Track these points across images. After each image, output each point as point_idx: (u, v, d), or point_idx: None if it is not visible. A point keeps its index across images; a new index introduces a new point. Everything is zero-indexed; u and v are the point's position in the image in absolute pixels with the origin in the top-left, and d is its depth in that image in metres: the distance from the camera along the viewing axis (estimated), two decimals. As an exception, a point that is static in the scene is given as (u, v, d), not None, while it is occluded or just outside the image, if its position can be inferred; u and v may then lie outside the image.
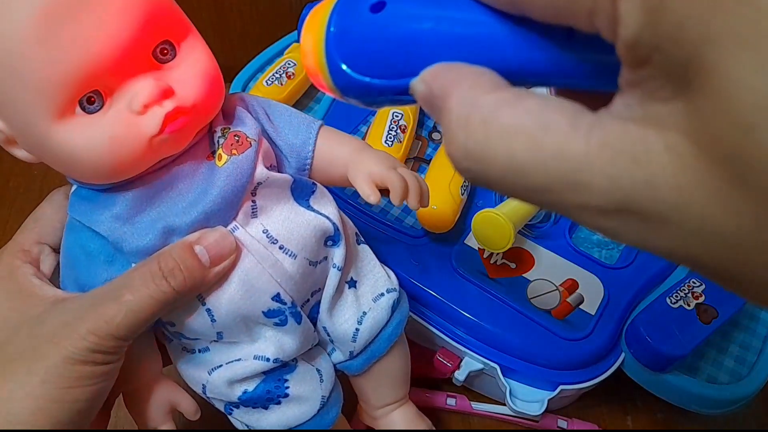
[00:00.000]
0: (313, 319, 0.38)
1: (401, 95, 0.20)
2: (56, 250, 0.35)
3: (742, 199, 0.12)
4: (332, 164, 0.37)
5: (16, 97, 0.28)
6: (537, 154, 0.14)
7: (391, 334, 0.40)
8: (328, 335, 0.39)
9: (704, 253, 0.13)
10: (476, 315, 0.47)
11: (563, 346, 0.46)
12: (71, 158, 0.29)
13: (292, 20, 0.66)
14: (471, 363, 0.47)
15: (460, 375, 0.48)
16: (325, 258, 0.37)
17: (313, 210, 0.36)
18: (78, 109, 0.28)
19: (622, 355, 0.47)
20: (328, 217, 0.36)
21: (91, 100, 0.28)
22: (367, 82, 0.20)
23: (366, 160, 0.36)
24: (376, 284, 0.40)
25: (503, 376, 0.47)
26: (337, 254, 0.37)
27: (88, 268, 0.32)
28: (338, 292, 0.38)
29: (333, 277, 0.37)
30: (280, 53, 0.61)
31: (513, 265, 0.50)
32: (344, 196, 0.52)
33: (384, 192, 0.36)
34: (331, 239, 0.37)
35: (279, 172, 0.35)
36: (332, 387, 0.39)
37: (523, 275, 0.49)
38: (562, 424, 0.50)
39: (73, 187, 0.33)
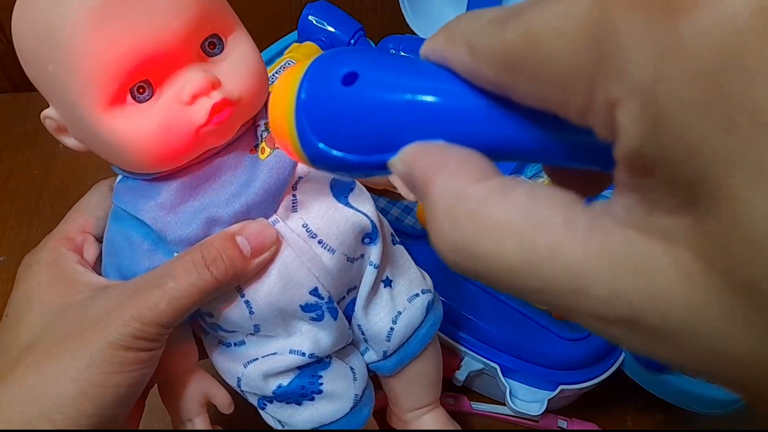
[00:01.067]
0: (348, 316, 0.38)
1: (377, 170, 0.19)
2: (99, 240, 0.35)
3: (757, 320, 0.11)
4: None
5: (69, 86, 0.28)
6: (529, 255, 0.14)
7: (425, 335, 0.40)
8: (363, 333, 0.39)
9: (716, 369, 0.12)
10: (476, 315, 0.47)
11: (563, 346, 0.46)
12: (120, 146, 0.30)
13: (292, 20, 0.66)
14: (471, 363, 0.48)
15: (460, 375, 0.48)
16: (362, 255, 0.37)
17: (352, 207, 0.36)
18: (129, 98, 0.29)
19: (622, 355, 0.47)
20: (366, 215, 0.36)
21: (141, 90, 0.29)
22: (339, 157, 0.19)
23: None
24: (412, 284, 0.40)
25: (503, 376, 0.47)
26: (374, 252, 0.37)
27: (131, 257, 0.33)
28: (374, 290, 0.38)
29: (369, 275, 0.37)
30: (280, 53, 0.61)
31: (513, 265, 0.50)
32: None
33: (384, 191, 0.36)
34: (368, 236, 0.37)
35: None
36: (365, 386, 0.39)
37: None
38: (562, 424, 0.50)
39: (119, 178, 0.34)
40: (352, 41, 0.60)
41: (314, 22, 0.60)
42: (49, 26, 0.27)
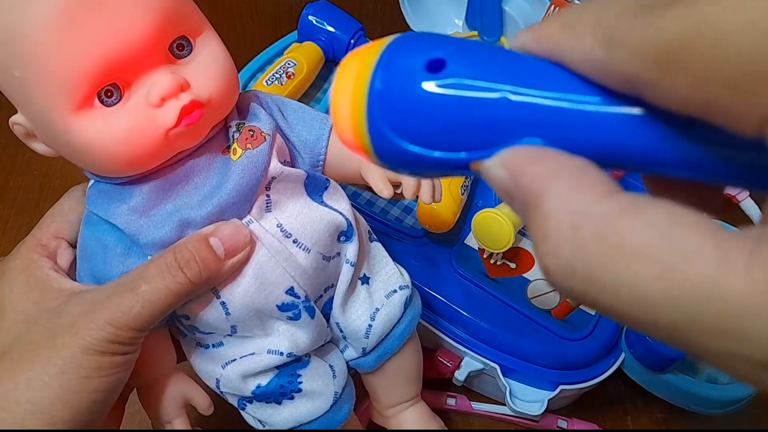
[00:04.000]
0: (326, 315, 0.39)
1: (457, 170, 0.17)
2: (73, 245, 0.36)
3: None
4: (345, 159, 0.37)
5: (36, 91, 0.28)
6: (675, 288, 0.12)
7: (404, 330, 0.41)
8: (341, 331, 0.40)
9: None
10: (476, 315, 0.47)
11: (563, 346, 0.47)
12: (89, 150, 0.30)
13: (292, 20, 0.66)
14: (471, 363, 0.48)
15: (460, 375, 0.48)
16: (338, 253, 0.38)
17: (327, 205, 0.36)
18: (96, 101, 0.29)
19: (622, 355, 0.47)
20: (341, 213, 0.36)
21: (109, 93, 0.29)
22: (416, 152, 0.17)
23: None
24: (389, 281, 0.41)
25: (503, 376, 0.47)
26: (350, 250, 0.38)
27: (105, 261, 0.33)
28: (351, 287, 0.39)
29: (346, 273, 0.38)
30: (280, 53, 0.61)
31: (513, 265, 0.50)
32: (344, 196, 0.52)
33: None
34: (344, 234, 0.37)
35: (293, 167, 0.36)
36: (345, 383, 0.40)
37: (523, 275, 0.49)
38: (562, 424, 0.50)
39: (90, 182, 0.34)
40: (352, 41, 0.61)
41: (314, 22, 0.60)
42: (12, 32, 0.27)
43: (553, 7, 0.55)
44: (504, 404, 0.48)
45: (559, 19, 0.16)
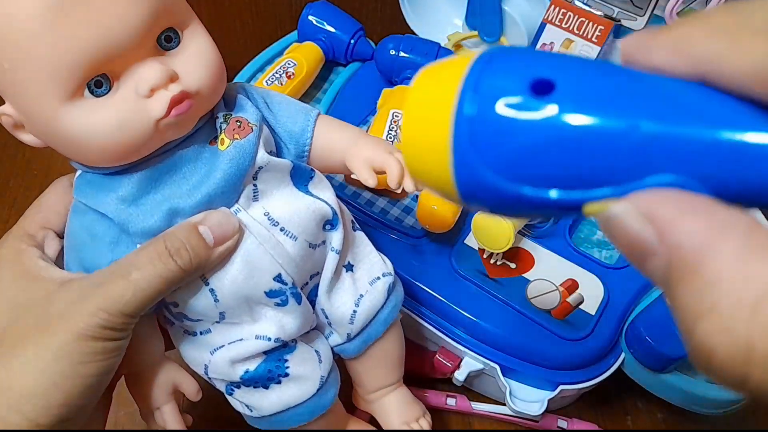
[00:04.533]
0: (312, 301, 0.40)
1: (566, 211, 0.14)
2: (60, 235, 0.36)
3: None
4: (330, 150, 0.38)
5: (26, 81, 0.29)
6: None
7: (387, 316, 0.42)
8: (327, 317, 0.41)
9: None
10: (476, 315, 0.47)
11: (563, 346, 0.47)
12: (79, 141, 0.30)
13: (292, 20, 0.66)
14: (471, 363, 0.48)
15: (460, 375, 0.48)
16: (324, 242, 0.38)
17: (312, 195, 0.37)
18: (86, 92, 0.29)
19: (622, 355, 0.48)
20: (326, 202, 0.37)
21: (99, 84, 0.29)
22: (517, 193, 0.14)
23: (363, 145, 0.38)
24: (372, 268, 0.42)
25: (503, 376, 0.47)
26: (335, 238, 0.38)
27: (93, 250, 0.34)
28: (336, 275, 0.40)
29: (331, 260, 0.39)
30: (280, 53, 0.62)
31: (513, 265, 0.50)
32: (344, 196, 0.52)
33: (384, 191, 0.36)
34: (329, 223, 0.38)
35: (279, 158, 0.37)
36: (330, 368, 0.41)
37: (523, 275, 0.49)
38: (562, 424, 0.50)
39: (78, 172, 0.35)
40: (352, 41, 0.61)
41: (314, 22, 0.61)
42: (2, 24, 0.27)
43: (553, 6, 0.55)
44: (504, 404, 0.48)
45: (702, 21, 0.13)
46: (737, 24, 0.12)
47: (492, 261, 0.50)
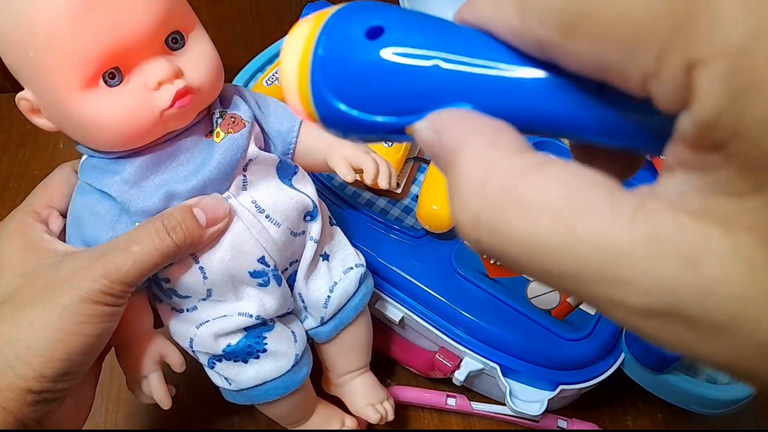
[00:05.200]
0: (291, 286, 0.43)
1: (395, 134, 0.18)
2: (63, 215, 0.39)
3: None
4: (313, 149, 0.43)
5: (48, 70, 0.32)
6: (568, 238, 0.13)
7: (357, 303, 0.45)
8: (303, 302, 0.44)
9: (761, 366, 0.12)
10: (476, 315, 0.47)
11: (563, 346, 0.47)
12: (91, 125, 0.34)
13: (292, 20, 0.65)
14: (471, 363, 0.48)
15: (460, 375, 0.48)
16: (304, 232, 0.42)
17: (295, 188, 0.41)
18: (101, 82, 0.33)
19: (622, 355, 0.47)
20: (308, 195, 0.41)
21: (112, 76, 0.33)
22: (355, 116, 0.18)
23: (343, 145, 0.42)
24: (346, 259, 0.45)
25: (503, 376, 0.47)
26: (314, 228, 0.42)
27: (95, 227, 0.37)
28: (314, 263, 0.43)
29: (309, 249, 0.42)
30: (280, 53, 0.61)
31: (513, 265, 0.50)
32: (344, 196, 0.52)
33: (384, 191, 0.37)
34: (309, 215, 0.42)
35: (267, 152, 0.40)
36: (304, 348, 0.44)
37: (523, 275, 0.49)
38: (562, 424, 0.50)
39: (84, 157, 0.38)
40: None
41: (314, 22, 0.60)
42: (31, 17, 0.31)
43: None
44: (504, 404, 0.48)
45: None
46: None
47: (492, 261, 0.50)
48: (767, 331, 0.11)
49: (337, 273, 0.44)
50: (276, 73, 0.57)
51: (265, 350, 0.41)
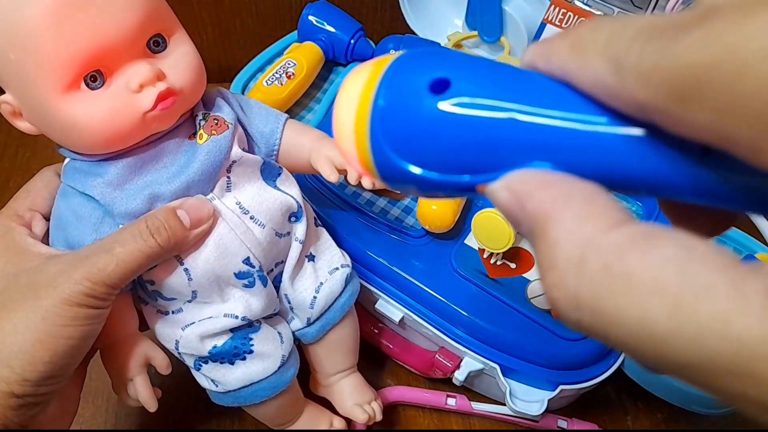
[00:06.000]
0: (277, 287, 0.43)
1: (465, 192, 0.17)
2: (45, 218, 0.39)
3: None
4: (296, 150, 0.43)
5: (29, 73, 0.32)
6: (686, 325, 0.12)
7: (344, 303, 0.45)
8: (289, 303, 0.44)
9: None
10: (476, 315, 0.47)
11: (563, 346, 0.47)
12: (73, 128, 0.34)
13: (292, 20, 0.66)
14: (471, 363, 0.48)
15: (460, 375, 0.48)
16: (289, 233, 0.42)
17: (279, 189, 0.41)
18: (83, 85, 0.33)
19: (622, 355, 0.47)
20: (292, 196, 0.41)
21: (94, 78, 0.33)
22: (420, 175, 0.16)
23: (326, 146, 0.43)
24: (332, 260, 0.45)
25: (503, 376, 0.47)
26: (299, 229, 0.42)
27: (78, 230, 0.37)
28: (299, 263, 0.44)
29: (295, 249, 0.43)
30: (280, 53, 0.62)
31: (513, 265, 0.50)
32: (344, 196, 0.52)
33: (384, 191, 0.37)
34: (294, 215, 0.42)
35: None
36: (291, 349, 0.44)
37: (523, 275, 0.49)
38: (562, 424, 0.50)
39: (66, 160, 0.38)
40: (352, 41, 0.61)
41: (314, 22, 0.61)
42: (12, 20, 0.31)
43: (553, 7, 0.55)
44: (504, 404, 0.48)
45: (568, 37, 0.15)
46: (587, 41, 0.14)
47: (492, 261, 0.50)
48: None
49: (323, 273, 0.44)
50: (276, 72, 0.57)
51: (251, 351, 0.41)
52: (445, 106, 0.16)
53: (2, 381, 0.31)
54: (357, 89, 0.17)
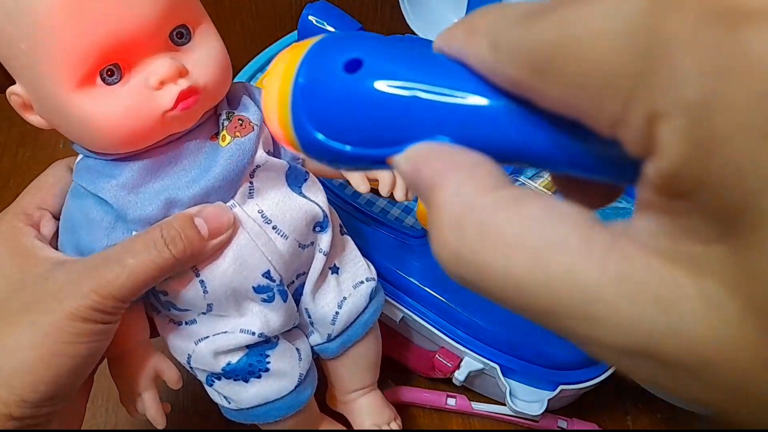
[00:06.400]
0: (297, 300, 0.41)
1: (375, 165, 0.18)
2: (56, 217, 0.37)
3: None
4: None
5: (41, 65, 0.30)
6: (541, 274, 0.13)
7: (367, 320, 0.43)
8: (309, 317, 0.42)
9: (734, 407, 0.12)
10: (476, 315, 0.48)
11: (563, 346, 0.47)
12: (87, 125, 0.31)
13: (292, 20, 0.66)
14: (471, 363, 0.48)
15: (460, 375, 0.48)
16: (312, 243, 0.40)
17: (305, 196, 0.38)
18: (98, 79, 0.30)
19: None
20: (318, 204, 0.38)
21: (110, 73, 0.30)
22: (336, 148, 0.18)
23: None
24: (357, 272, 0.43)
25: (503, 376, 0.47)
26: (324, 240, 0.40)
27: (90, 234, 0.34)
28: (322, 276, 0.41)
29: (318, 261, 0.40)
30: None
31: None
32: (344, 196, 0.52)
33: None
34: (319, 225, 0.39)
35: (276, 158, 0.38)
36: (309, 367, 0.42)
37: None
38: (562, 424, 0.50)
39: (79, 157, 0.36)
40: (352, 41, 0.60)
41: (314, 22, 0.61)
42: (22, 6, 0.28)
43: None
44: (504, 404, 0.48)
45: (465, 21, 0.17)
46: (477, 25, 0.16)
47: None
48: (739, 376, 0.11)
49: (346, 287, 0.42)
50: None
51: (267, 369, 0.39)
52: (356, 83, 0.17)
53: (0, 403, 0.29)
54: (280, 70, 0.19)
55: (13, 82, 0.32)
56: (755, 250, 0.11)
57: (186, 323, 0.38)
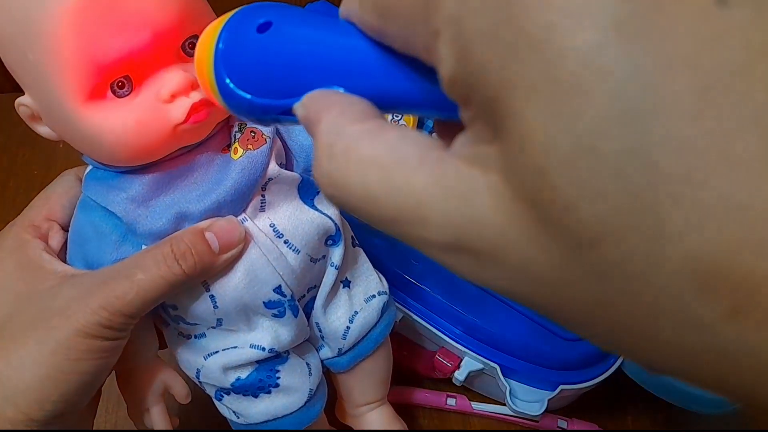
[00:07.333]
0: (307, 314, 0.40)
1: (285, 115, 0.20)
2: (65, 229, 0.36)
3: (547, 239, 0.12)
4: None
5: (50, 76, 0.29)
6: (388, 187, 0.15)
7: (378, 335, 0.42)
8: (320, 331, 0.41)
9: (530, 291, 0.14)
10: (476, 315, 0.48)
11: (563, 346, 0.47)
12: (96, 138, 0.31)
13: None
14: (471, 363, 0.48)
15: (460, 375, 0.48)
16: (324, 257, 0.39)
17: (317, 209, 0.37)
18: (109, 92, 0.30)
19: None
20: (330, 217, 0.38)
21: (121, 85, 0.30)
22: (249, 99, 0.20)
23: None
24: (369, 286, 0.42)
25: (503, 376, 0.47)
26: (336, 253, 0.39)
27: (99, 247, 0.34)
28: (333, 290, 0.40)
29: (330, 275, 0.39)
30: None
31: (513, 265, 0.50)
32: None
33: None
34: (331, 239, 0.39)
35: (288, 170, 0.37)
36: (319, 381, 0.41)
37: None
38: (562, 424, 0.50)
39: (89, 168, 0.35)
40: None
41: (314, 22, 0.60)
42: (31, 15, 0.28)
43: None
44: (504, 404, 0.48)
45: None
46: None
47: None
48: (519, 258, 0.13)
49: (358, 301, 0.41)
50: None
51: (277, 385, 0.38)
52: (264, 40, 0.20)
53: (6, 422, 0.29)
54: (207, 36, 0.21)
55: (15, 84, 0.32)
56: (507, 141, 0.12)
57: (195, 337, 0.38)
